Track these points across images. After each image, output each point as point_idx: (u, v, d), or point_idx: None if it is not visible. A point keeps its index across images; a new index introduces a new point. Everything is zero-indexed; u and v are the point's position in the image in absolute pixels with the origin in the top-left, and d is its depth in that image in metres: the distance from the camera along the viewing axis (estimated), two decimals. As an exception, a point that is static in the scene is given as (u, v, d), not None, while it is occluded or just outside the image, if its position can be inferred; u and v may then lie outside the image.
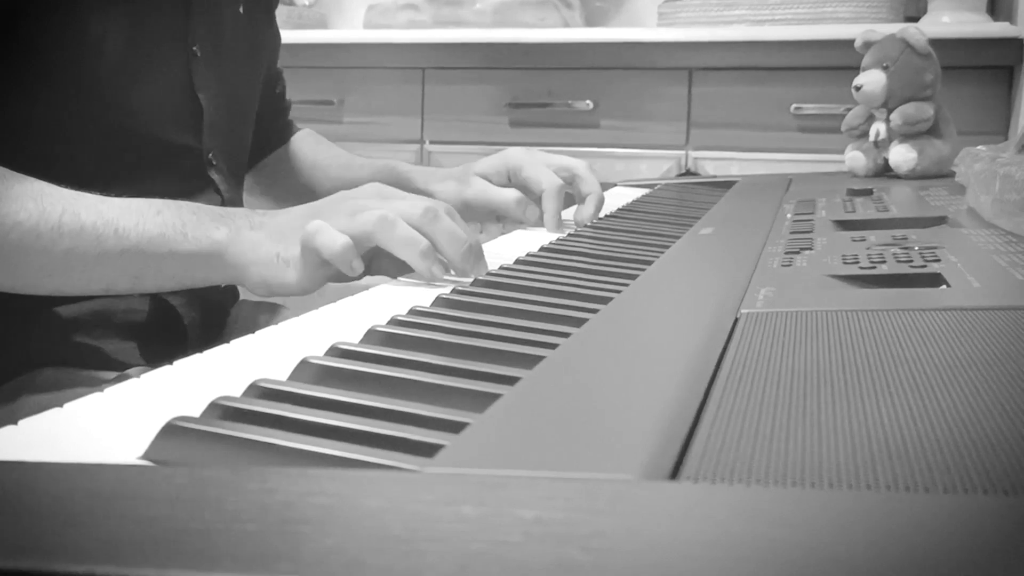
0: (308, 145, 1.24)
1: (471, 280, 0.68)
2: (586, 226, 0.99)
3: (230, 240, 0.74)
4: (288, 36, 1.17)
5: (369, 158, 1.21)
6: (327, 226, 0.69)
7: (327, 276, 0.72)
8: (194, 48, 0.91)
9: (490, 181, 1.08)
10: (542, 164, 1.05)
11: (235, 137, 0.99)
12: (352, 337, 0.51)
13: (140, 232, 0.73)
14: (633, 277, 0.67)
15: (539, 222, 1.02)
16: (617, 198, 1.33)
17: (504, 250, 0.84)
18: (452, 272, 0.71)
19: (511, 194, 1.05)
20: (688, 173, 2.03)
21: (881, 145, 1.31)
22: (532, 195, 1.05)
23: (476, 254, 0.71)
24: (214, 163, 0.93)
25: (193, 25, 0.91)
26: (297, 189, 1.20)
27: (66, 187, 0.74)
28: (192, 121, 0.91)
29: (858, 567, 0.21)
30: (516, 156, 1.07)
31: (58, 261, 0.72)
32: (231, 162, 0.98)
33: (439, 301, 0.61)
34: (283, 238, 0.73)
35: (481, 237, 0.76)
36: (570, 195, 1.07)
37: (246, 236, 0.74)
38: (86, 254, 0.72)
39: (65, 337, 0.85)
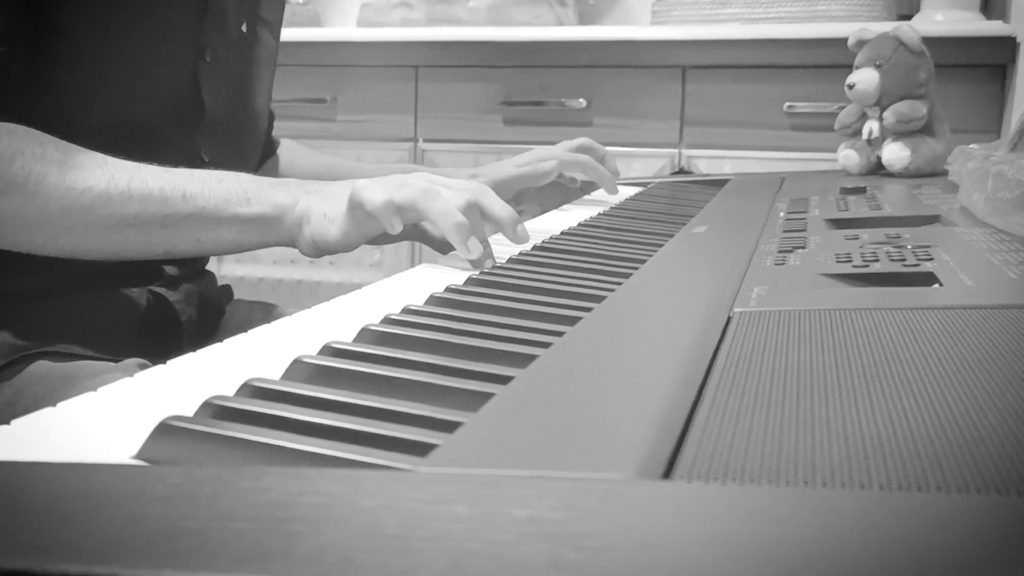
0: (302, 154, 1.26)
1: (476, 273, 0.70)
2: (579, 224, 0.99)
3: (290, 204, 0.79)
4: (282, 33, 1.17)
5: (379, 164, 1.29)
6: (372, 184, 0.75)
7: (367, 234, 0.77)
8: (204, 52, 0.92)
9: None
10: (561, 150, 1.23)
11: (239, 140, 1.00)
12: (345, 336, 0.51)
13: (206, 197, 0.78)
14: (626, 276, 0.67)
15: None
16: (610, 196, 1.32)
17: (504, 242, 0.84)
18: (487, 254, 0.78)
19: (540, 164, 1.19)
20: (681, 171, 2.02)
21: (874, 143, 1.31)
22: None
23: (521, 225, 0.78)
24: (206, 160, 0.94)
25: (206, 31, 0.92)
26: None
27: None
28: (190, 119, 0.92)
29: (851, 566, 0.21)
30: (548, 151, 1.24)
31: (126, 223, 0.76)
32: (234, 163, 0.98)
33: (432, 300, 0.61)
34: (332, 199, 0.79)
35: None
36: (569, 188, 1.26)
37: (303, 200, 0.80)
38: (153, 217, 0.77)
39: (62, 330, 0.85)
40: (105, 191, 0.75)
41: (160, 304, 0.91)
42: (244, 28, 1.00)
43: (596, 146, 1.26)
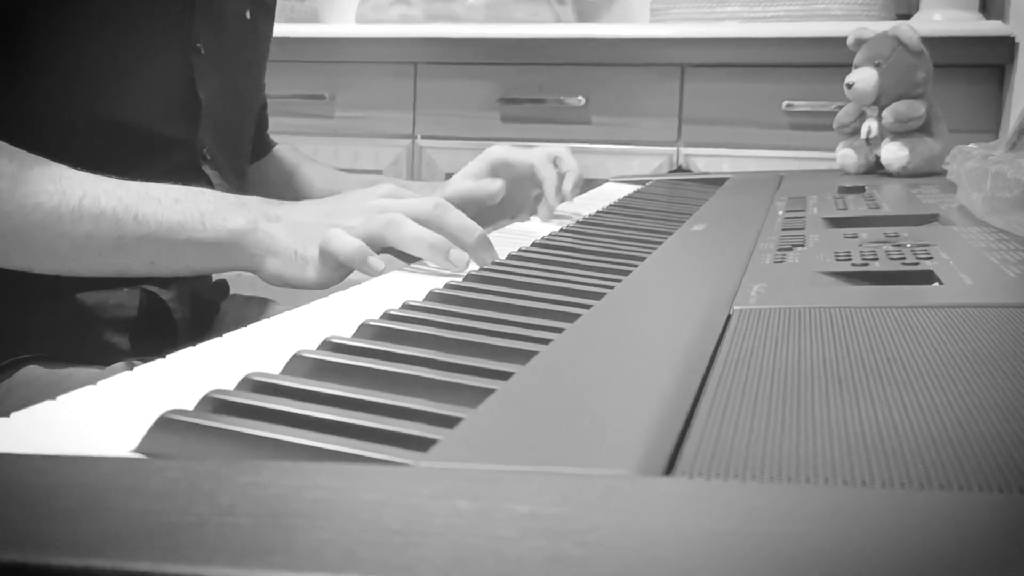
0: (290, 158, 1.24)
1: (476, 269, 0.70)
2: (578, 222, 0.99)
3: (247, 230, 0.76)
4: (280, 30, 1.17)
5: (352, 174, 1.24)
6: (341, 232, 0.72)
7: (346, 273, 0.75)
8: (198, 45, 0.91)
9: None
10: (524, 151, 1.08)
11: (234, 134, 1.00)
12: (345, 331, 0.50)
13: (159, 220, 0.75)
14: (626, 273, 0.67)
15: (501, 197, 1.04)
16: (609, 194, 1.33)
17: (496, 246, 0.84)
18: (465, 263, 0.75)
19: (486, 182, 1.05)
20: (679, 170, 2.03)
21: (873, 142, 1.31)
22: (523, 176, 1.08)
23: (486, 243, 0.75)
24: (208, 157, 0.93)
25: (197, 22, 0.91)
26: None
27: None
28: (189, 115, 0.92)
29: (853, 563, 0.21)
30: (497, 151, 1.09)
31: (77, 244, 0.74)
32: (228, 158, 0.98)
33: (432, 296, 0.61)
34: (300, 237, 0.75)
35: None
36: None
37: (263, 227, 0.76)
38: (105, 239, 0.74)
39: (55, 331, 0.85)
40: (55, 209, 0.72)
41: (153, 302, 0.91)
42: (248, 15, 1.00)
43: (567, 156, 1.09)
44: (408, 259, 0.78)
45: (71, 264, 0.76)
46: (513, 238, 0.90)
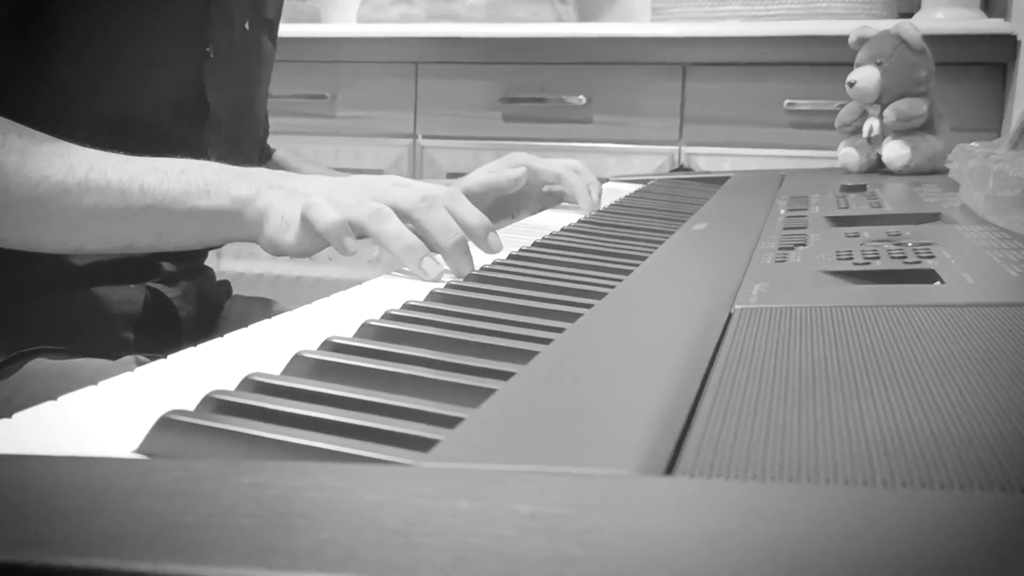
0: (296, 162, 1.25)
1: (477, 269, 0.70)
2: (579, 221, 0.99)
3: (250, 198, 0.76)
4: (281, 30, 1.17)
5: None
6: (324, 201, 0.72)
7: (324, 244, 0.74)
8: (208, 49, 0.92)
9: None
10: (546, 160, 1.16)
11: (239, 138, 1.00)
12: (346, 331, 0.50)
13: (164, 189, 0.75)
14: (627, 272, 0.67)
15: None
16: (610, 194, 1.33)
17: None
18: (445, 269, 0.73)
19: (508, 171, 1.13)
20: (681, 169, 2.02)
21: (874, 141, 1.31)
22: (543, 182, 1.16)
23: (462, 249, 0.72)
24: (211, 158, 0.94)
25: (210, 28, 0.92)
26: None
27: None
28: (196, 117, 0.92)
29: (854, 563, 0.21)
30: (521, 156, 1.15)
31: (84, 215, 0.74)
32: (233, 162, 0.98)
33: (433, 296, 0.61)
34: (292, 202, 0.75)
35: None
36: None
37: (265, 195, 0.77)
38: (111, 210, 0.74)
39: (61, 325, 0.85)
40: (62, 182, 0.73)
41: (158, 301, 0.91)
42: (247, 27, 1.00)
43: (584, 170, 1.17)
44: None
45: (78, 236, 0.76)
46: (528, 232, 0.91)
